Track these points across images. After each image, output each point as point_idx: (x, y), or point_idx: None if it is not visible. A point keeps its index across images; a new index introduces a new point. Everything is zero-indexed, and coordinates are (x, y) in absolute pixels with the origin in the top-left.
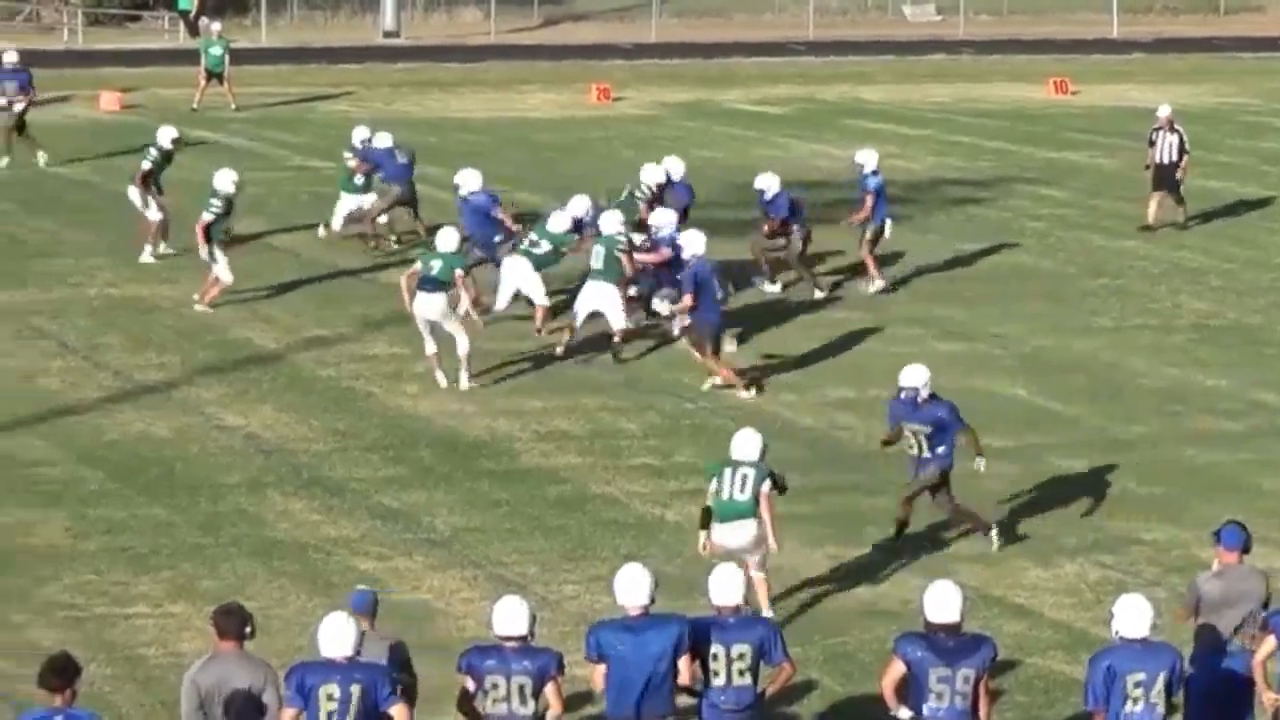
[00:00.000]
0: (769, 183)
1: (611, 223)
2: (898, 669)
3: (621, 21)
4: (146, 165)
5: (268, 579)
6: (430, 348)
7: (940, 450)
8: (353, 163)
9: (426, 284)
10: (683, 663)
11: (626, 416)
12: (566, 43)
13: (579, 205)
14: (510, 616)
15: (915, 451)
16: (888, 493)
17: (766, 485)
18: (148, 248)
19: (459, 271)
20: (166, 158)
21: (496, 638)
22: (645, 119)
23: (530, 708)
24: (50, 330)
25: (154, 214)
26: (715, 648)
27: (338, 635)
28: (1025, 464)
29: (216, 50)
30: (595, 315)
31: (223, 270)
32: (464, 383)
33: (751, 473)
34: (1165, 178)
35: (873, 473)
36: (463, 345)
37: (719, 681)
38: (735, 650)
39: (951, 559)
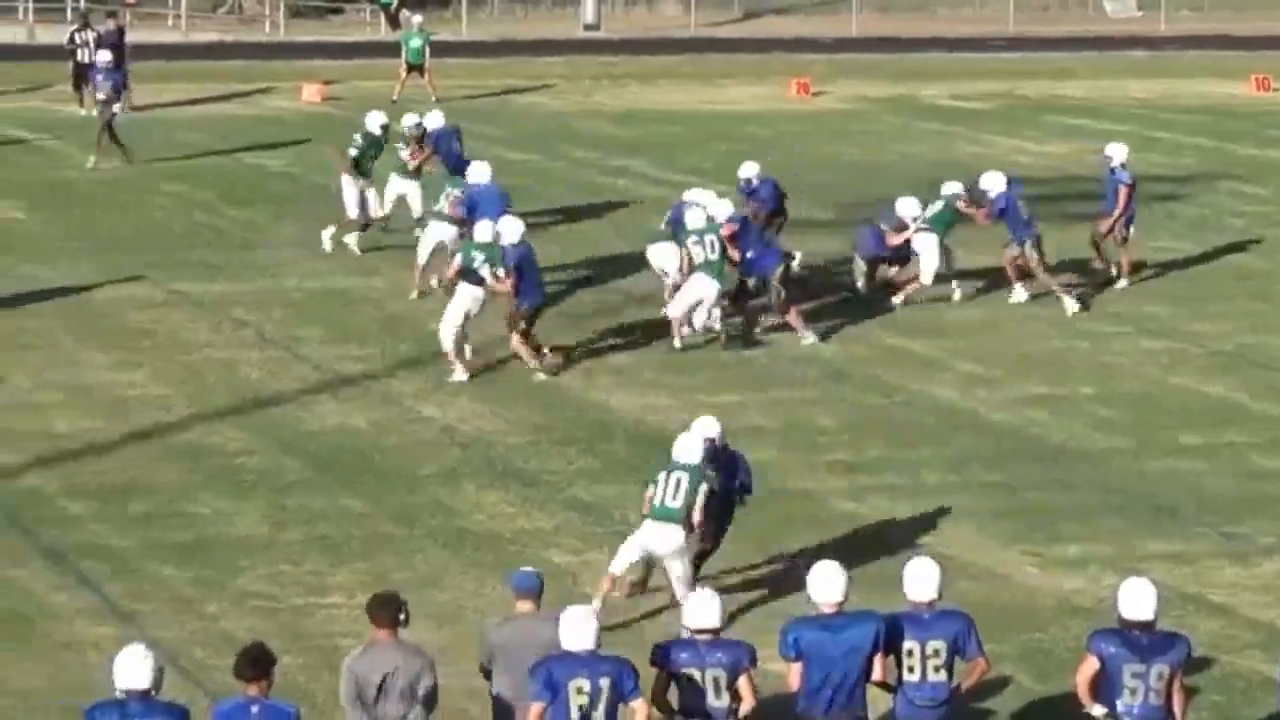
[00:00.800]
0: (752, 171)
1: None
2: (1092, 665)
3: (822, 15)
4: (353, 152)
5: (461, 570)
6: (452, 345)
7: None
8: (406, 152)
9: (470, 276)
10: (877, 659)
11: (822, 411)
12: (766, 36)
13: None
14: (703, 610)
15: None
16: (1084, 490)
17: (702, 494)
18: (353, 235)
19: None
20: (375, 144)
21: (689, 631)
22: (845, 113)
23: (725, 700)
24: (250, 321)
25: (353, 210)
26: (910, 643)
27: (579, 629)
28: (1223, 461)
29: (417, 43)
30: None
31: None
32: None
33: (685, 479)
34: None
35: (1068, 469)
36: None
37: (914, 677)
38: (930, 646)
39: (1147, 557)
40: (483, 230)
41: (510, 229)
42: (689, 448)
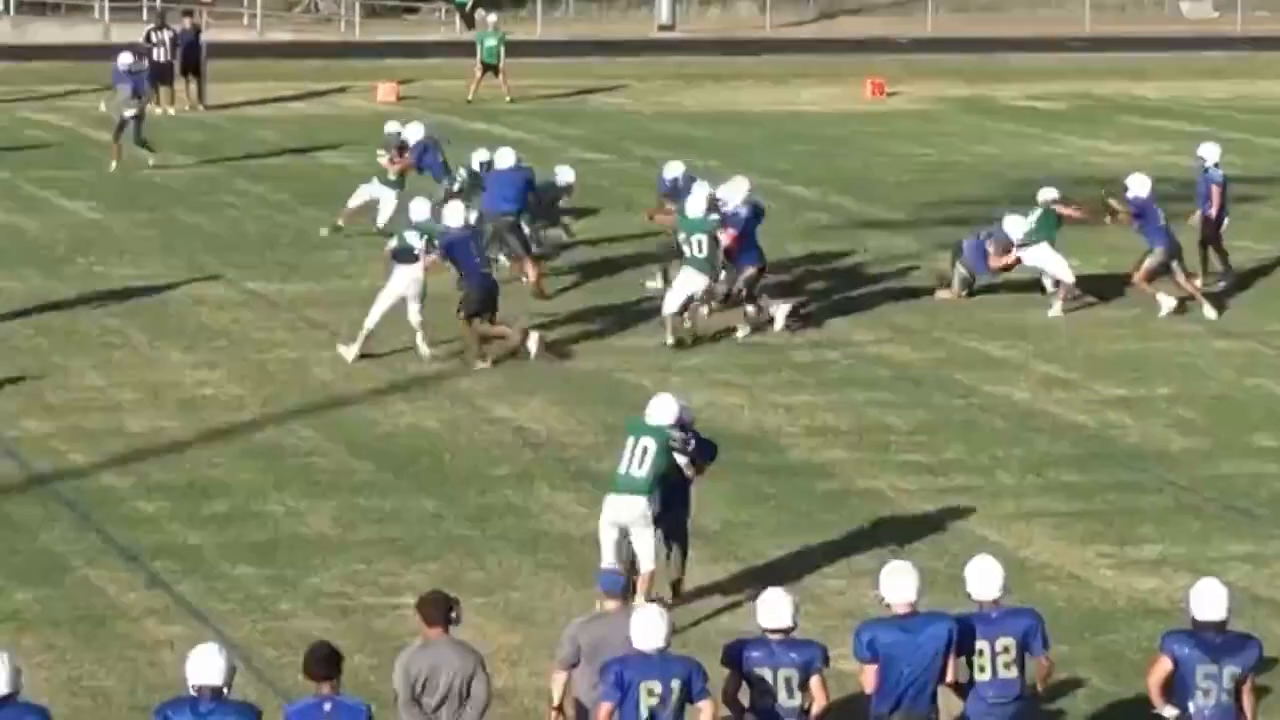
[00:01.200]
0: (677, 171)
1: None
2: (1164, 666)
3: (897, 15)
4: (455, 187)
5: (534, 571)
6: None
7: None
8: (385, 159)
9: (404, 256)
10: (950, 660)
11: (894, 412)
12: (841, 36)
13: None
14: (776, 609)
15: None
16: (1160, 491)
17: (677, 458)
18: None
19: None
20: (476, 179)
21: (761, 630)
22: (920, 114)
23: (797, 700)
24: (324, 321)
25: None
26: (980, 642)
27: (650, 629)
28: None
29: (491, 42)
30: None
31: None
32: (425, 350)
33: (653, 446)
34: None
35: (1145, 471)
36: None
37: (984, 676)
38: (1000, 643)
39: (1222, 559)
40: (418, 209)
41: (452, 213)
42: (662, 409)
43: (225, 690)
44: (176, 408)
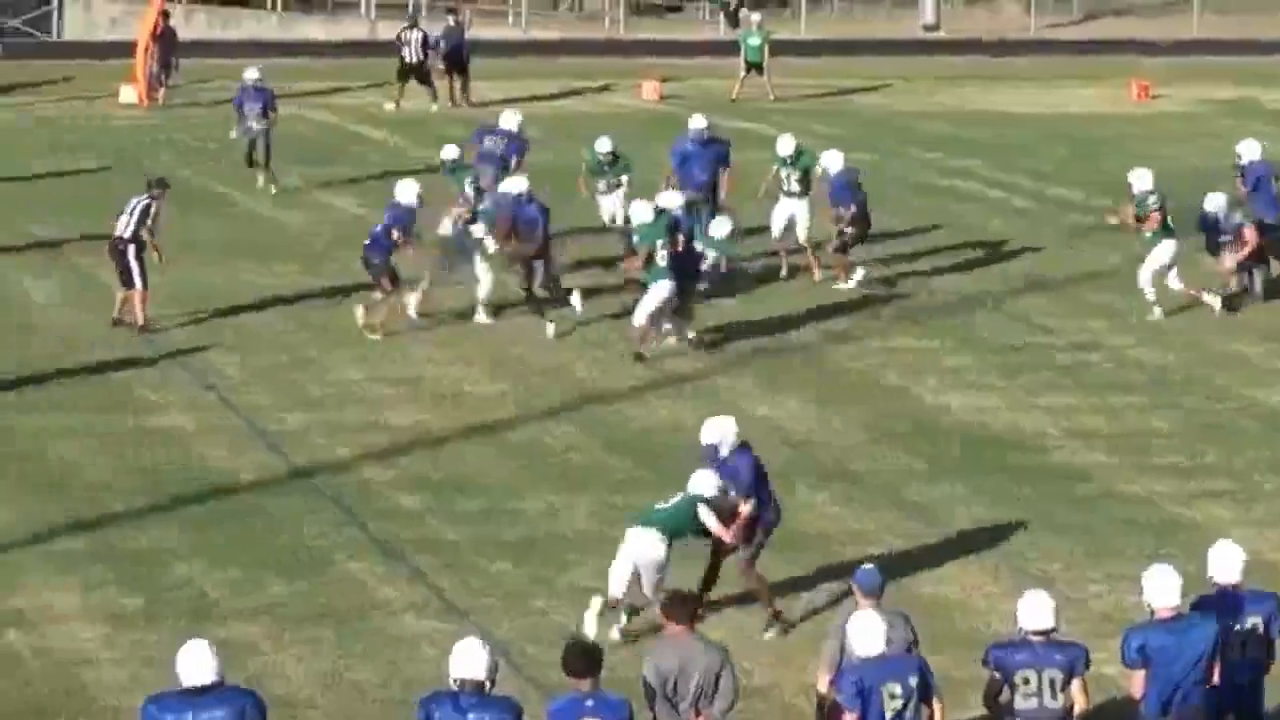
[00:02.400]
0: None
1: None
2: None
3: (1163, 17)
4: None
5: (788, 570)
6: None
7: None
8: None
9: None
10: (1216, 662)
11: (1156, 415)
12: (1106, 38)
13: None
14: (1038, 610)
15: None
16: None
17: (705, 514)
18: None
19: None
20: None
21: (1023, 632)
22: (1185, 117)
23: (1060, 702)
24: (580, 317)
25: None
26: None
27: (874, 631)
28: None
29: (755, 42)
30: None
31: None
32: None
33: (684, 502)
34: None
35: None
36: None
37: (1232, 655)
38: (1249, 620)
39: None
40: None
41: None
42: (698, 483)
43: (488, 685)
44: (434, 402)
